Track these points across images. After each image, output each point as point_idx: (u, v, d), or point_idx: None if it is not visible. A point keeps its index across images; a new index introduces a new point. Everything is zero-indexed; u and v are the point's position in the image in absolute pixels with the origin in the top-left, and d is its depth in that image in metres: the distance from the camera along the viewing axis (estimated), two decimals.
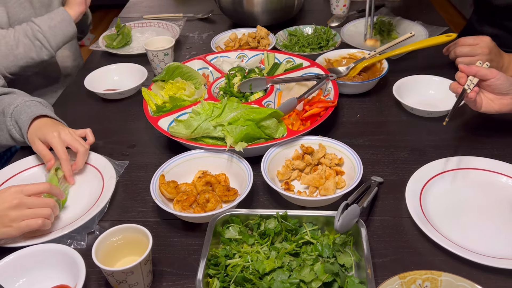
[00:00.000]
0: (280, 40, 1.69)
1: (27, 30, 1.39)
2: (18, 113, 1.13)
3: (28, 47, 1.39)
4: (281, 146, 1.09)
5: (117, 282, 0.81)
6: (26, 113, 1.12)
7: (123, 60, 1.62)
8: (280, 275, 0.79)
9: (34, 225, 0.90)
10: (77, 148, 1.10)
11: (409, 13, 1.78)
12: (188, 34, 1.86)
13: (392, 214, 0.98)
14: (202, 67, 1.46)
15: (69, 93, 1.53)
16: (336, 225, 0.83)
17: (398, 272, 0.78)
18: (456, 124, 1.24)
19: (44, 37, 1.40)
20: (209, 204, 0.98)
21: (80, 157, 1.10)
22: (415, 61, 1.51)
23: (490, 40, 1.31)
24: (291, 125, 1.18)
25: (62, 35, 1.45)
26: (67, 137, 1.10)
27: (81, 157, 1.10)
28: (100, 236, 0.84)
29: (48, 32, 1.41)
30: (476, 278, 0.79)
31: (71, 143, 1.10)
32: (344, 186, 1.04)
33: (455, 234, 0.92)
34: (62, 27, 1.44)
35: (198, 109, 1.14)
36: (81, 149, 1.10)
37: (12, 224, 0.89)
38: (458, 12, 4.08)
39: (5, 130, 1.17)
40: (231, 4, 1.78)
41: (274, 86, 1.30)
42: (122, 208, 1.04)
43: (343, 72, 1.40)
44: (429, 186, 1.02)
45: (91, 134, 1.17)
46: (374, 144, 1.18)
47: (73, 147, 1.10)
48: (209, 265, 0.83)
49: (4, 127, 1.17)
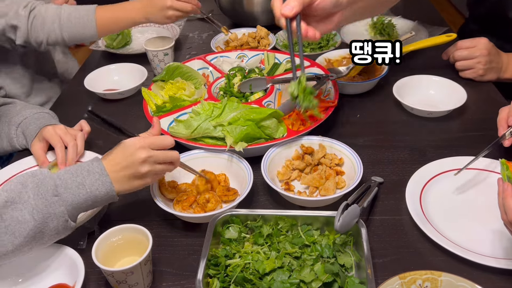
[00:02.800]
0: (280, 40, 1.69)
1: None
2: (27, 124, 1.17)
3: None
4: (281, 146, 1.09)
5: (117, 282, 0.81)
6: (35, 124, 1.16)
7: (123, 60, 1.62)
8: (280, 275, 0.79)
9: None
10: (74, 133, 1.14)
11: (409, 13, 1.78)
12: (188, 34, 1.86)
13: (392, 214, 0.98)
14: (202, 67, 1.46)
15: (69, 93, 1.53)
16: (336, 225, 0.83)
17: (398, 272, 0.78)
18: (456, 124, 1.24)
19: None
20: (209, 204, 0.98)
21: (79, 141, 1.13)
22: (415, 61, 1.51)
23: (488, 41, 1.31)
24: (291, 125, 1.18)
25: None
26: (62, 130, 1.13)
27: (80, 140, 1.13)
28: (100, 236, 0.84)
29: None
30: (476, 278, 0.79)
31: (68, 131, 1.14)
32: (344, 186, 1.04)
33: (455, 234, 0.91)
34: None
35: (198, 109, 1.13)
36: (78, 134, 1.14)
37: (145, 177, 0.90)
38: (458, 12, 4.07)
39: (5, 139, 1.20)
40: (231, 4, 1.78)
41: (274, 86, 1.29)
42: (122, 208, 1.04)
43: (343, 72, 1.40)
44: (429, 186, 1.02)
45: (85, 124, 1.19)
46: (374, 144, 1.18)
47: (71, 134, 1.13)
48: (209, 265, 0.83)
49: (4, 136, 1.20)
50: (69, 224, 0.83)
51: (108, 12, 1.38)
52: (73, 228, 0.85)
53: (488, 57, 1.31)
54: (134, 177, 0.88)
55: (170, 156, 0.92)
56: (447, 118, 1.25)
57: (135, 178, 0.88)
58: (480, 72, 1.33)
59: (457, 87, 1.29)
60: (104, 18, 1.37)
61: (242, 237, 0.89)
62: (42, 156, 1.13)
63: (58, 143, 1.11)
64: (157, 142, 0.90)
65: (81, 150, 1.13)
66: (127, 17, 1.40)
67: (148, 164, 0.88)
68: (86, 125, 1.19)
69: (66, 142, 1.11)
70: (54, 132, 1.12)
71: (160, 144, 0.91)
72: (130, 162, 0.86)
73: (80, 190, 0.83)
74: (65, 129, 1.14)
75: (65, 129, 1.13)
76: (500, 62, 1.33)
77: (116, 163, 0.87)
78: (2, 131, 1.20)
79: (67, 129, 1.14)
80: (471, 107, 1.28)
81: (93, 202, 0.85)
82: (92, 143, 1.23)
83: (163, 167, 0.91)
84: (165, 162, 0.91)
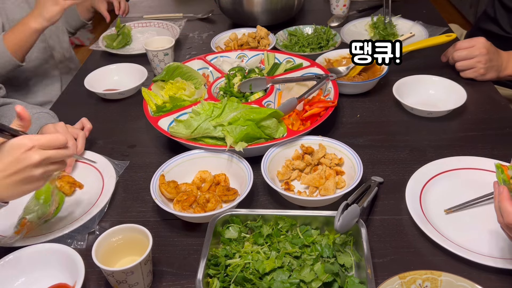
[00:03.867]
0: (280, 40, 1.69)
1: None
2: None
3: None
4: (281, 146, 1.09)
5: (117, 282, 0.81)
6: (36, 124, 1.16)
7: (123, 60, 1.62)
8: (280, 275, 0.79)
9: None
10: (76, 132, 1.14)
11: (409, 13, 1.78)
12: (188, 34, 1.86)
13: (392, 214, 0.98)
14: (202, 67, 1.46)
15: (69, 93, 1.53)
16: (336, 225, 0.83)
17: (398, 272, 0.78)
18: (456, 124, 1.24)
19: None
20: (209, 204, 0.98)
21: (80, 140, 1.13)
22: (415, 61, 1.51)
23: (485, 40, 1.32)
24: (291, 125, 1.18)
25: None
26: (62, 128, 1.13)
27: (81, 139, 1.13)
28: (100, 236, 0.84)
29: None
30: (476, 278, 0.79)
31: (69, 129, 1.13)
32: (344, 186, 1.04)
33: (455, 234, 0.91)
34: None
35: (198, 109, 1.13)
36: (80, 133, 1.14)
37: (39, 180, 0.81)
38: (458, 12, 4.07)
39: None
40: (231, 4, 1.78)
41: (274, 86, 1.30)
42: (122, 208, 1.04)
43: (343, 72, 1.40)
44: (429, 186, 1.02)
45: (87, 121, 1.19)
46: (374, 144, 1.18)
47: (71, 133, 1.13)
48: (209, 265, 0.83)
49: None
50: None
51: (12, 34, 1.39)
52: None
53: (488, 56, 1.31)
54: (25, 182, 0.79)
55: (64, 153, 0.82)
56: (447, 118, 1.25)
57: (26, 182, 0.79)
58: (481, 71, 1.33)
59: (457, 87, 1.29)
60: (12, 41, 1.38)
61: (242, 237, 0.89)
62: None
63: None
64: (50, 143, 0.80)
65: (81, 149, 1.13)
66: (26, 28, 1.38)
67: (42, 167, 0.79)
68: (88, 123, 1.19)
69: (75, 133, 1.12)
70: (55, 130, 1.12)
71: (53, 144, 0.80)
72: (21, 167, 0.77)
73: None
74: (66, 127, 1.14)
75: (65, 127, 1.13)
76: (499, 60, 1.33)
77: (2, 169, 0.77)
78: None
79: (67, 127, 1.14)
80: (471, 107, 1.28)
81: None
82: (92, 142, 1.23)
83: (57, 166, 0.83)
84: (61, 158, 0.82)
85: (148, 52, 1.51)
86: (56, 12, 1.36)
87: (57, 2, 1.34)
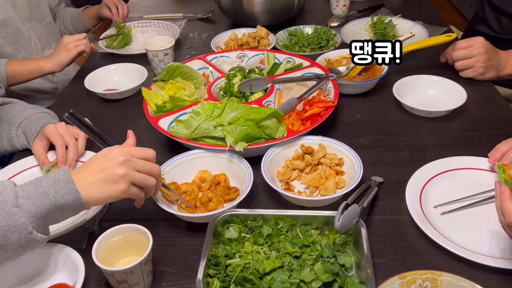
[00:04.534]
0: (280, 40, 1.69)
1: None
2: (28, 124, 1.17)
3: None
4: (281, 146, 1.09)
5: (117, 282, 0.81)
6: (36, 124, 1.16)
7: (123, 60, 1.62)
8: (280, 275, 0.79)
9: (138, 195, 0.86)
10: (77, 133, 1.14)
11: (409, 13, 1.78)
12: (188, 34, 1.86)
13: (392, 214, 0.98)
14: (202, 67, 1.46)
15: (69, 93, 1.53)
16: (336, 225, 0.83)
17: (398, 272, 0.78)
18: (456, 124, 1.24)
19: None
20: (211, 203, 0.98)
21: (81, 140, 1.14)
22: (415, 61, 1.51)
23: (484, 40, 1.32)
24: (291, 125, 1.18)
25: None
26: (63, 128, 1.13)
27: (81, 139, 1.14)
28: (100, 236, 0.84)
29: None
30: (476, 278, 0.79)
31: (69, 129, 1.13)
32: (344, 186, 1.04)
33: (455, 234, 0.91)
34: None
35: (198, 109, 1.13)
36: (80, 133, 1.14)
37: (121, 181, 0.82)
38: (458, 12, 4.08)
39: (5, 138, 1.20)
40: (231, 4, 1.78)
41: (274, 86, 1.30)
42: (122, 208, 1.04)
43: (343, 72, 1.40)
44: (429, 186, 1.02)
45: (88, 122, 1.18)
46: (374, 144, 1.18)
47: (72, 133, 1.13)
48: (209, 265, 0.83)
49: (4, 135, 1.20)
50: (34, 237, 0.76)
51: (21, 63, 1.47)
52: (43, 240, 0.78)
53: (487, 55, 1.31)
54: (108, 181, 0.80)
55: (150, 167, 0.86)
56: (447, 118, 1.25)
57: (110, 182, 0.80)
58: (481, 70, 1.33)
59: (457, 87, 1.29)
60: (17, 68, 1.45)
61: (242, 237, 0.89)
62: (43, 156, 1.12)
63: (58, 141, 1.10)
64: (138, 151, 0.85)
65: (81, 149, 1.13)
66: (37, 65, 1.47)
67: (125, 166, 0.81)
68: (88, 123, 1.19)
69: (66, 141, 1.11)
70: (55, 129, 1.12)
71: (141, 153, 0.86)
72: (106, 164, 0.81)
73: (43, 199, 0.76)
74: (66, 127, 1.14)
75: (66, 127, 1.13)
76: (498, 60, 1.33)
77: (92, 168, 0.81)
78: (3, 131, 1.20)
79: (68, 127, 1.14)
80: (471, 107, 1.28)
81: (60, 212, 0.78)
82: (93, 142, 1.23)
83: (142, 176, 0.84)
84: (145, 172, 0.85)
85: (148, 52, 1.51)
86: (66, 59, 1.47)
87: (68, 50, 1.47)
